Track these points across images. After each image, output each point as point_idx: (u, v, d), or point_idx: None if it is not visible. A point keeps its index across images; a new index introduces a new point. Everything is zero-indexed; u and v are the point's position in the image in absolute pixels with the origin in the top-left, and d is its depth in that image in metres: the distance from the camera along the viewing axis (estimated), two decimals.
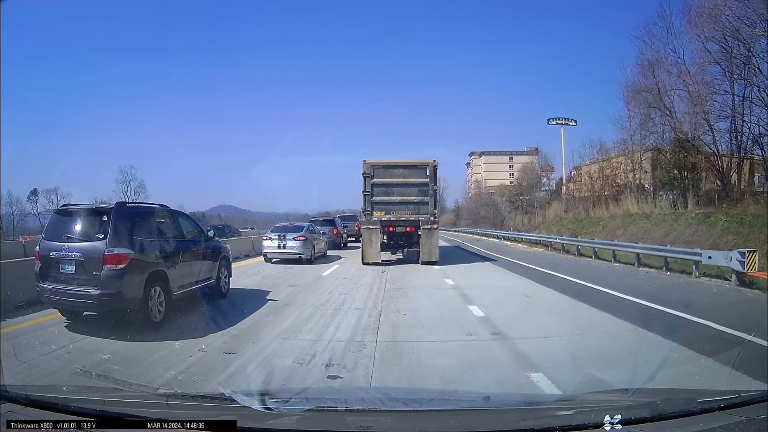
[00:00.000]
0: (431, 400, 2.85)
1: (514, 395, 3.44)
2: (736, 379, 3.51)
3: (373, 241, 14.04)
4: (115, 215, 6.04)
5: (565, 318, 7.06)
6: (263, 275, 12.02)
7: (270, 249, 15.08)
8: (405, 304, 8.02)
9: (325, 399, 2.68)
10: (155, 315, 6.24)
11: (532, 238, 27.39)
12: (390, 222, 14.31)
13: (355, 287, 10.04)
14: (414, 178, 14.22)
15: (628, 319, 6.62)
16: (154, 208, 7.16)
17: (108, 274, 5.77)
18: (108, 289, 5.76)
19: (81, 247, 5.96)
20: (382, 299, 8.53)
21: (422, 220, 14.00)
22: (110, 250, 5.81)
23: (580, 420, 1.76)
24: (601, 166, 31.31)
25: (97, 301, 5.80)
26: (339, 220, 22.95)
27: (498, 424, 1.88)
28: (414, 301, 8.45)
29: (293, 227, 15.72)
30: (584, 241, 19.44)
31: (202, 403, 2.22)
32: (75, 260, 5.93)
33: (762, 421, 1.75)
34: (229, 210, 64.93)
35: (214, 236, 8.60)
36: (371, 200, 14.17)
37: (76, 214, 6.28)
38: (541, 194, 42.52)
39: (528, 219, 39.59)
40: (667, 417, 1.80)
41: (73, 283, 5.92)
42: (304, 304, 8.03)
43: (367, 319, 6.87)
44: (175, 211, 7.66)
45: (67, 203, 6.56)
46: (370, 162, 14.35)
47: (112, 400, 2.12)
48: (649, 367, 3.86)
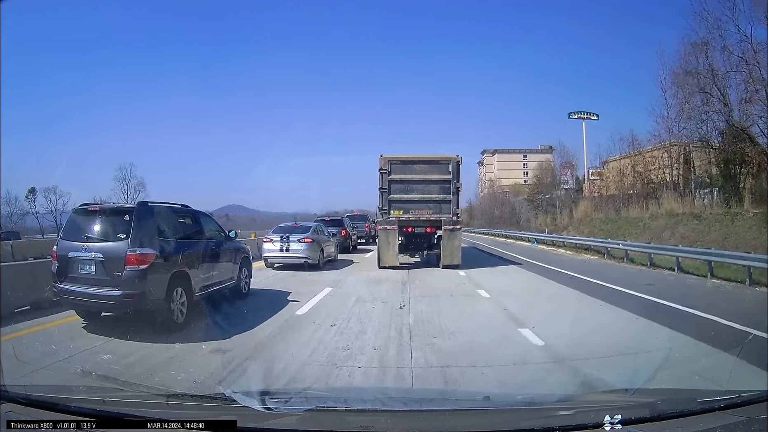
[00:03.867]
0: (431, 400, 2.84)
1: (514, 395, 3.37)
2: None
3: (391, 242, 13.09)
4: (137, 215, 5.93)
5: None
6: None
7: (271, 253, 13.27)
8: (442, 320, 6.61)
9: (325, 399, 2.65)
10: (177, 316, 6.10)
11: (580, 242, 21.83)
12: (409, 222, 13.41)
13: (371, 308, 7.60)
14: (435, 175, 13.28)
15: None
16: (175, 207, 7.04)
17: (130, 275, 5.65)
18: (130, 290, 5.63)
19: (102, 247, 5.86)
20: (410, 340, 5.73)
21: (444, 219, 13.09)
22: (133, 251, 5.69)
23: (580, 420, 1.75)
24: (633, 160, 29.81)
25: (118, 302, 5.69)
26: (348, 220, 21.00)
27: (498, 424, 1.87)
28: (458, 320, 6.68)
29: (298, 228, 13.89)
30: (689, 250, 13.54)
31: (202, 403, 2.21)
32: (95, 261, 5.83)
33: (762, 421, 1.74)
34: (237, 210, 64.31)
35: (236, 236, 8.47)
36: (388, 198, 13.25)
37: (96, 213, 6.18)
38: (562, 193, 41.19)
39: (550, 219, 38.43)
40: (667, 417, 1.79)
41: (93, 283, 5.82)
42: (327, 314, 7.06)
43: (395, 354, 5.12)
44: (197, 211, 7.54)
45: (86, 203, 6.46)
46: (388, 157, 13.36)
47: (112, 400, 2.10)
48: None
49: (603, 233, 25.19)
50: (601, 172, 36.77)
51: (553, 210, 39.61)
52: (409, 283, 10.58)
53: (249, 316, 6.81)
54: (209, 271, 7.05)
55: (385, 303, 7.99)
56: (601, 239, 20.33)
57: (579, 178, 41.94)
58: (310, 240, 13.22)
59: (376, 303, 8.01)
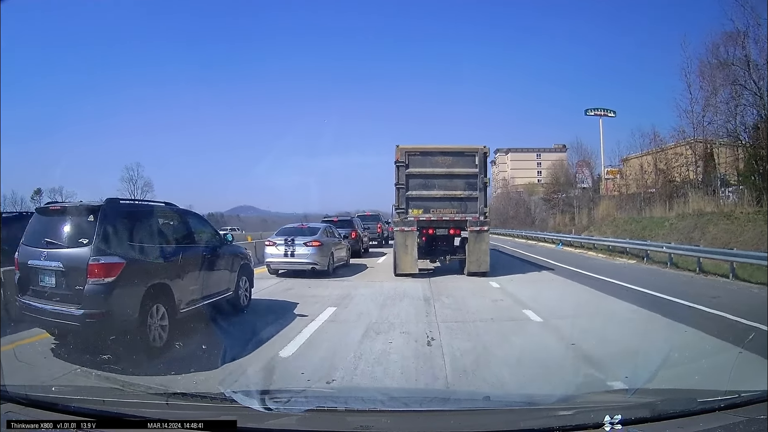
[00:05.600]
0: (431, 400, 2.84)
1: (513, 395, 3.39)
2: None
3: (409, 246, 11.28)
4: (103, 215, 4.77)
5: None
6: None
7: (274, 258, 11.72)
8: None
9: (325, 399, 2.64)
10: (156, 339, 4.97)
11: (613, 244, 19.91)
12: (430, 223, 11.67)
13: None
14: (460, 168, 11.56)
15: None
16: (154, 206, 5.92)
17: (93, 290, 4.52)
18: (93, 308, 4.51)
19: (61, 254, 4.75)
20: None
21: (470, 220, 11.40)
22: (95, 259, 4.55)
23: (580, 420, 1.75)
24: (655, 157, 28.48)
25: (80, 322, 4.55)
26: (358, 220, 19.29)
27: (498, 424, 1.88)
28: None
29: (306, 229, 12.29)
30: (746, 254, 11.59)
31: (202, 403, 2.16)
32: (55, 271, 4.74)
33: (762, 421, 1.74)
34: (248, 210, 62.82)
35: (232, 240, 7.32)
36: (406, 195, 11.50)
37: (59, 213, 5.08)
38: (578, 192, 39.72)
39: (569, 219, 36.96)
40: (667, 417, 1.79)
41: (55, 298, 4.72)
42: (323, 359, 5.22)
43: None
44: (184, 211, 6.41)
45: (52, 201, 5.36)
46: (405, 147, 11.55)
47: (112, 400, 2.08)
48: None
49: (627, 234, 23.87)
50: (620, 170, 35.41)
51: (571, 210, 38.14)
52: (434, 299, 8.53)
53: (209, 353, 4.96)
54: (198, 282, 5.88)
55: (407, 335, 5.85)
56: (640, 241, 18.78)
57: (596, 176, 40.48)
58: (319, 243, 11.61)
59: (393, 334, 5.86)
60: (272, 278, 11.26)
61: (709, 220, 19.61)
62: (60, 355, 4.85)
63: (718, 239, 17.04)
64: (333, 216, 18.73)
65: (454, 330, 6.10)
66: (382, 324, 6.45)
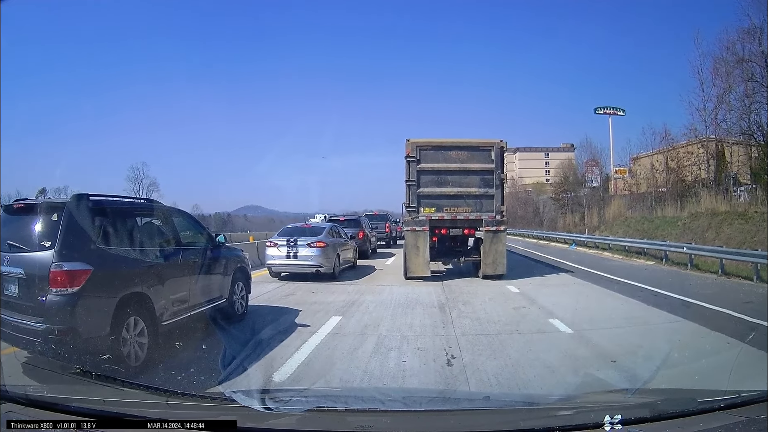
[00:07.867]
0: (431, 400, 2.82)
1: (513, 395, 3.42)
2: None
3: (420, 247, 10.53)
4: (68, 214, 4.13)
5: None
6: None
7: (276, 260, 10.89)
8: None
9: (325, 399, 2.58)
10: (132, 357, 4.32)
11: (631, 244, 19.33)
12: (443, 222, 10.89)
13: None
14: (475, 163, 10.80)
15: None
16: (132, 203, 5.26)
17: (55, 301, 3.89)
18: (55, 323, 3.88)
19: (23, 259, 4.11)
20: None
21: (486, 219, 10.61)
22: (58, 265, 3.91)
23: (580, 420, 1.73)
24: (666, 156, 27.77)
25: (42, 338, 3.90)
26: (366, 219, 18.57)
27: (498, 424, 1.86)
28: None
29: (309, 229, 11.59)
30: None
31: (202, 403, 2.15)
32: (18, 278, 4.11)
33: (762, 421, 1.72)
34: (256, 210, 62.05)
35: (225, 242, 6.66)
36: (417, 192, 10.76)
37: (24, 212, 4.45)
38: (587, 191, 38.89)
39: (579, 218, 36.13)
40: (667, 417, 1.77)
41: (18, 309, 4.09)
42: (325, 385, 4.63)
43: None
44: (169, 209, 5.73)
45: (22, 198, 4.75)
46: (416, 141, 10.80)
47: (112, 400, 2.05)
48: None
49: (639, 234, 23.25)
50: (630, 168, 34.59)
51: (580, 209, 37.32)
52: (449, 306, 7.76)
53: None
54: (184, 289, 5.23)
55: (422, 352, 5.10)
56: (659, 242, 18.05)
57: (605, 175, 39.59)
58: (324, 244, 10.77)
59: (406, 351, 5.14)
60: (273, 282, 10.52)
61: (723, 220, 19.03)
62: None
63: (733, 239, 16.51)
64: (340, 216, 18.20)
65: (476, 345, 5.37)
66: (393, 338, 5.73)
